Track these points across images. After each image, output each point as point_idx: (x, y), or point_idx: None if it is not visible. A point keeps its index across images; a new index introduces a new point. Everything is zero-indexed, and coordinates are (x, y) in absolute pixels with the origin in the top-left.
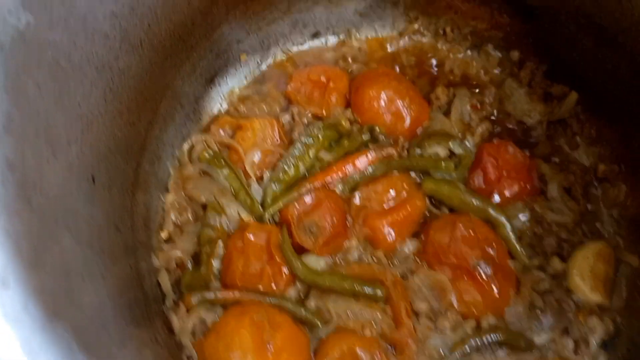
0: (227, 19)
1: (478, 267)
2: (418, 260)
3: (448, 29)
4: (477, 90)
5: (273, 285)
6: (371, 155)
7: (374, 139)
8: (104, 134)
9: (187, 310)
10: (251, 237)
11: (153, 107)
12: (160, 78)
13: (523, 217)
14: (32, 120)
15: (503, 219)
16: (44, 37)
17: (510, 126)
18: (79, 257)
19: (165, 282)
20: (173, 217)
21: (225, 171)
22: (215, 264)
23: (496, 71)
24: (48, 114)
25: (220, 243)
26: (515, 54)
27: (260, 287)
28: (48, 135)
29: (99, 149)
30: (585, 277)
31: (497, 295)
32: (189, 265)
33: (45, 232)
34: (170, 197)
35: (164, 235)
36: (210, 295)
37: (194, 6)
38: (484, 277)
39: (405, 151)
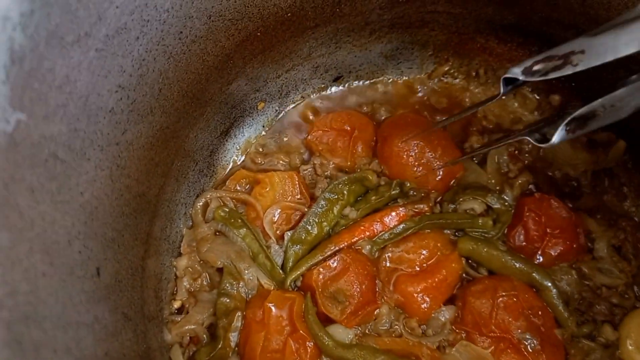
0: (244, 71)
1: (524, 340)
2: (456, 330)
3: (481, 71)
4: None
5: None
6: (401, 211)
7: (403, 194)
8: (110, 216)
9: None
10: (272, 307)
11: (165, 171)
12: (172, 140)
13: (569, 279)
14: (24, 236)
15: (549, 284)
16: (38, 133)
17: (552, 177)
18: None
19: None
20: (186, 284)
21: (243, 231)
22: (233, 337)
23: (534, 116)
24: (44, 219)
25: (238, 314)
26: (555, 98)
27: None
28: (44, 244)
29: (104, 235)
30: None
31: None
32: (204, 338)
33: None
34: (182, 262)
35: (176, 305)
36: None
37: (208, 63)
38: (529, 350)
39: (438, 206)
